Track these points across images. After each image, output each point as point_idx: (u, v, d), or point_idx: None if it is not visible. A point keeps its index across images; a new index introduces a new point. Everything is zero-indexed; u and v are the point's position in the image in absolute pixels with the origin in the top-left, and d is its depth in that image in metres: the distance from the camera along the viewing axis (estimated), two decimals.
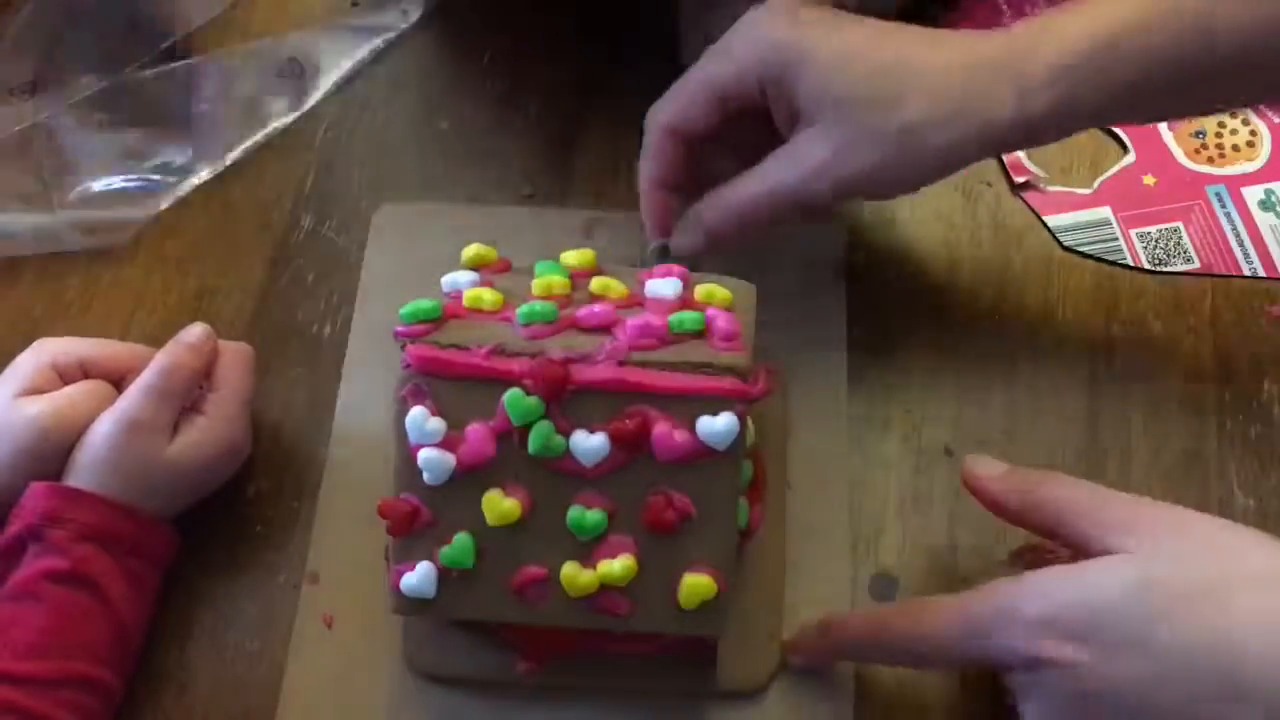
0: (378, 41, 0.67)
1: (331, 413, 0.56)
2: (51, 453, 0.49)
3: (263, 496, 0.55)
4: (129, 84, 0.66)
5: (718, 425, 0.43)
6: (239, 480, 0.55)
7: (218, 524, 0.54)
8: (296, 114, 0.65)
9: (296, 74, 0.66)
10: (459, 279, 0.48)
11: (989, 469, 0.47)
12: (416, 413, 0.44)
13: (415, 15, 0.68)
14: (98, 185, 0.62)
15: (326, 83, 0.66)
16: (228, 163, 0.64)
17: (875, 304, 0.58)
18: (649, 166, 0.53)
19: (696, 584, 0.44)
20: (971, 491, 0.47)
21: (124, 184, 0.63)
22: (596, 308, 0.45)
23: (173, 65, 0.67)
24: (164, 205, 0.62)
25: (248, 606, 0.52)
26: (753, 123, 0.51)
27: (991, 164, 0.62)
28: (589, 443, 0.43)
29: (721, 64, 0.51)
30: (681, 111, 0.52)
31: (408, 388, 0.44)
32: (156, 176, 0.63)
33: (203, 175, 0.63)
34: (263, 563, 0.53)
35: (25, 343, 0.58)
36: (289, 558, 0.53)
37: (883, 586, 0.52)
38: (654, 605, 0.44)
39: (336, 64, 0.67)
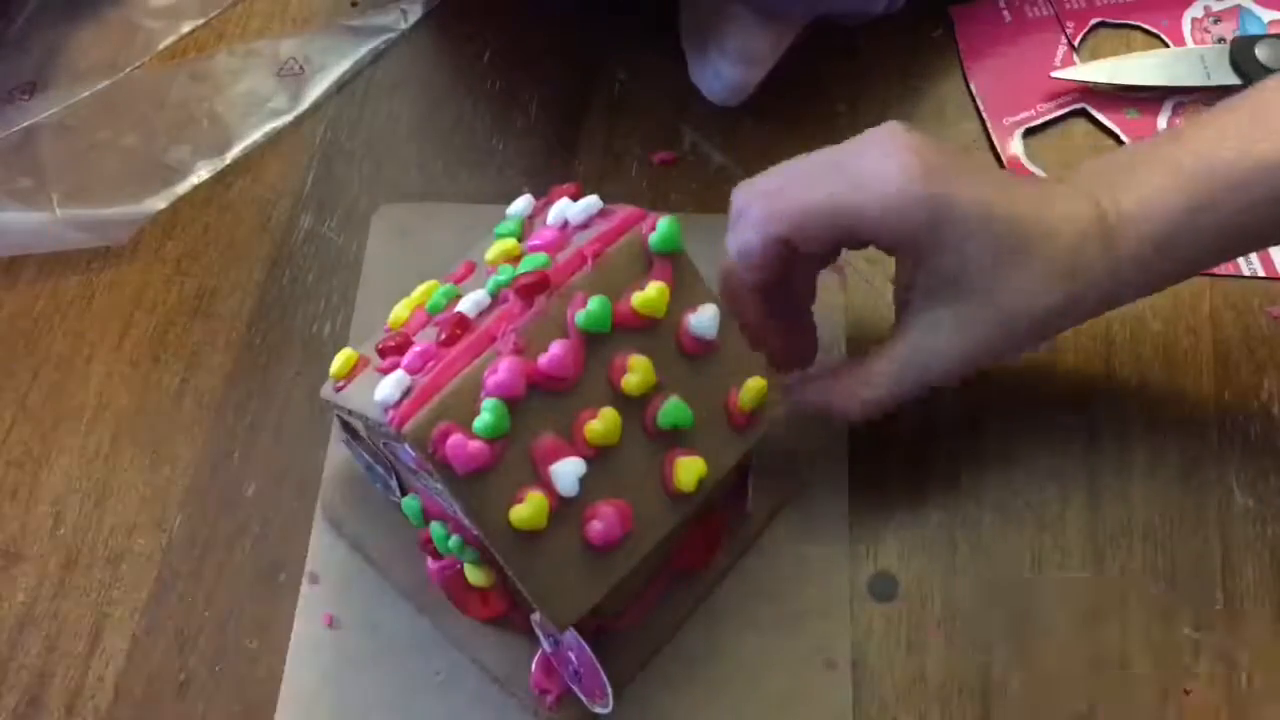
0: (377, 42, 0.67)
1: (331, 412, 0.56)
2: None
3: (263, 496, 0.55)
4: (129, 84, 0.66)
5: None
6: (239, 480, 0.55)
7: (218, 524, 0.54)
8: (295, 113, 0.65)
9: (296, 74, 0.66)
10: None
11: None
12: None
13: (415, 16, 0.68)
14: (97, 185, 0.62)
15: (326, 82, 0.66)
16: (227, 162, 0.64)
17: (875, 304, 0.58)
18: (750, 275, 0.48)
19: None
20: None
21: (124, 183, 0.63)
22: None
23: (172, 65, 0.67)
24: (164, 205, 0.62)
25: (248, 606, 0.52)
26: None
27: (991, 164, 0.62)
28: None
29: (856, 194, 0.45)
30: (801, 227, 0.46)
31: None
32: (157, 176, 0.63)
33: (202, 175, 0.63)
34: (263, 563, 0.53)
35: (25, 342, 0.59)
36: (289, 558, 0.53)
37: (883, 586, 0.52)
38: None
39: (336, 64, 0.67)
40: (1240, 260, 0.59)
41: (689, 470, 0.43)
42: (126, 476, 0.55)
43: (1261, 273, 0.59)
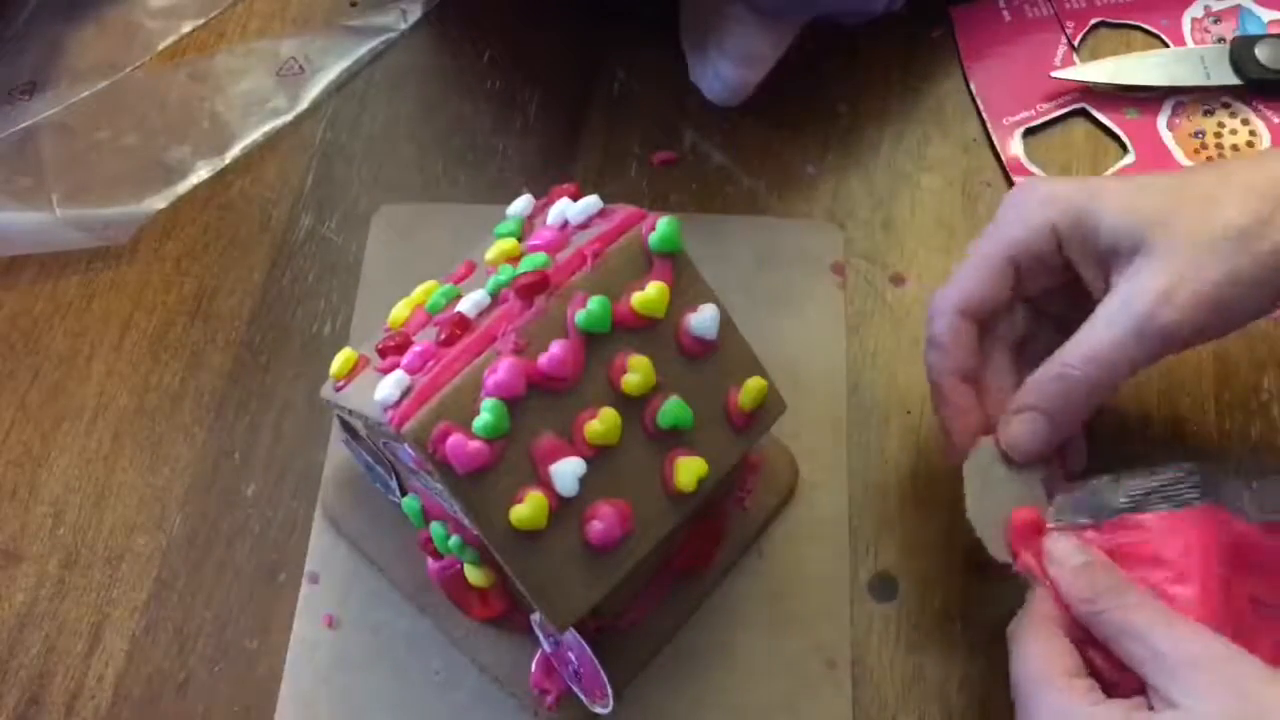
0: (377, 42, 0.67)
1: (331, 412, 0.56)
2: None
3: (263, 496, 0.55)
4: (129, 84, 0.66)
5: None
6: (239, 480, 0.55)
7: (218, 524, 0.54)
8: (295, 113, 0.65)
9: (296, 74, 0.66)
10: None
11: (1068, 556, 0.44)
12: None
13: (415, 16, 0.68)
14: (98, 185, 0.62)
15: (325, 82, 0.66)
16: (227, 161, 0.64)
17: (875, 304, 0.58)
18: (944, 358, 0.47)
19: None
20: (1041, 574, 0.45)
21: (124, 183, 0.63)
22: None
23: (172, 65, 0.67)
24: (164, 205, 0.62)
25: (248, 606, 0.52)
26: (1051, 293, 0.48)
27: (991, 164, 0.62)
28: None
29: (1008, 229, 0.47)
30: (972, 289, 0.47)
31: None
32: (157, 176, 0.63)
33: (202, 175, 0.63)
34: (263, 563, 0.53)
35: (25, 342, 0.59)
36: (289, 558, 0.53)
37: (883, 586, 0.52)
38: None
39: (336, 64, 0.67)
40: None
41: (689, 470, 0.43)
42: (126, 476, 0.55)
43: None
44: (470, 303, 0.44)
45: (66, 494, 0.55)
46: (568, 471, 0.41)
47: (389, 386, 0.42)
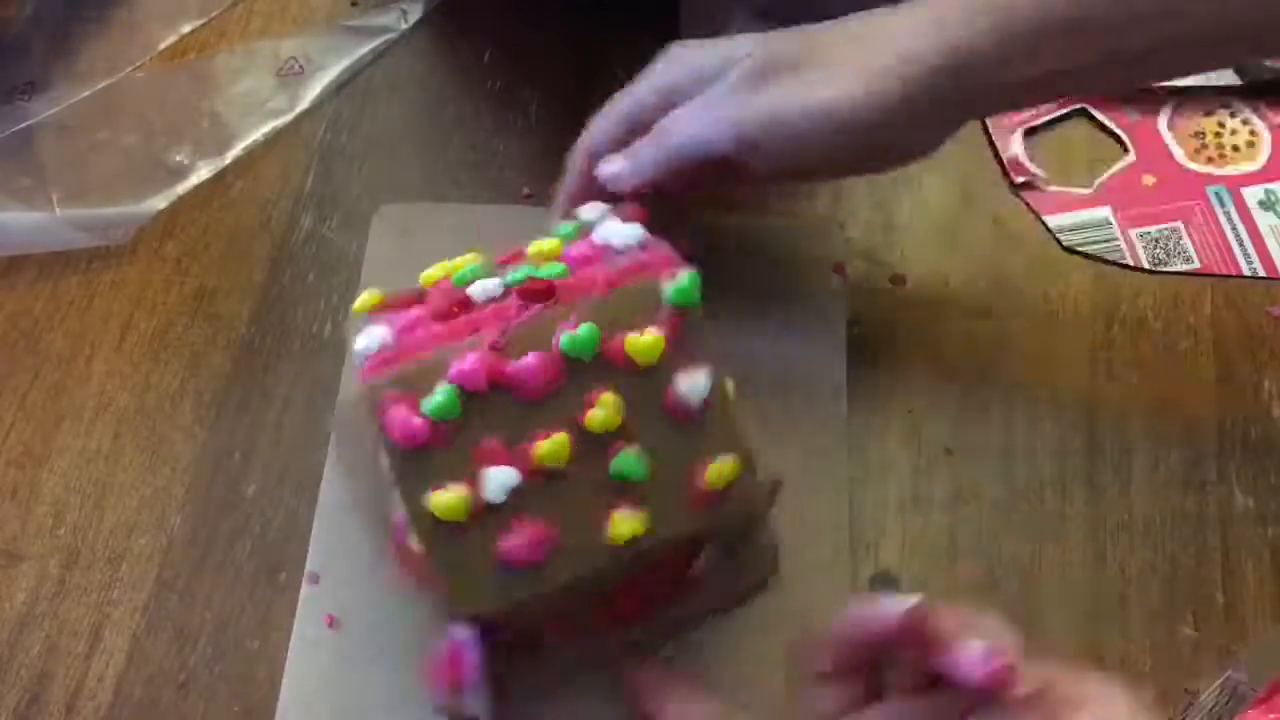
0: (377, 42, 0.67)
1: (331, 412, 0.56)
2: None
3: (263, 496, 0.55)
4: (129, 84, 0.66)
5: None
6: (239, 480, 0.55)
7: (218, 524, 0.54)
8: (295, 113, 0.65)
9: (296, 74, 0.66)
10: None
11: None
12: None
13: (415, 17, 0.68)
14: (98, 185, 0.62)
15: (325, 81, 0.66)
16: (227, 162, 0.64)
17: (875, 304, 0.58)
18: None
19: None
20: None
21: (124, 183, 0.63)
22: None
23: (172, 65, 0.67)
24: (164, 205, 0.62)
25: (248, 606, 0.52)
26: None
27: (991, 164, 0.62)
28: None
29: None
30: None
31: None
32: (157, 176, 0.63)
33: (202, 175, 0.63)
34: (263, 563, 0.53)
35: (25, 342, 0.59)
36: (289, 558, 0.53)
37: (883, 586, 0.52)
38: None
39: (336, 64, 0.67)
40: (1240, 260, 0.59)
41: (626, 524, 0.42)
42: (126, 476, 0.55)
43: (1262, 272, 0.59)
44: (480, 288, 0.44)
45: (67, 494, 0.55)
46: (497, 479, 0.41)
47: (370, 338, 0.43)
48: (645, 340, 0.42)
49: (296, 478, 0.55)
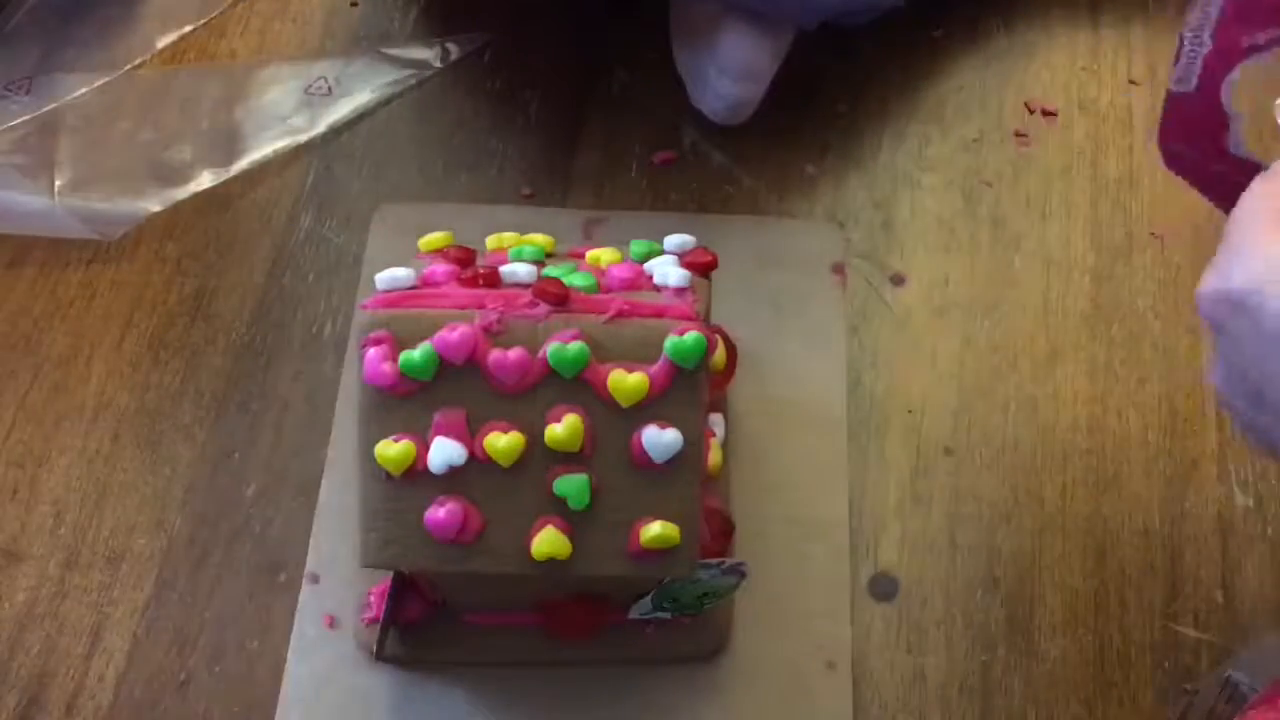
0: (408, 74, 0.66)
1: (331, 413, 0.56)
2: None
3: (263, 496, 0.55)
4: (129, 83, 0.66)
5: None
6: (239, 480, 0.55)
7: (218, 524, 0.54)
8: (311, 135, 0.64)
9: (324, 94, 0.66)
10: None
11: None
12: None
13: (454, 56, 0.67)
14: (99, 183, 0.62)
15: (349, 107, 0.65)
16: (232, 173, 0.63)
17: (875, 304, 0.58)
18: None
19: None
20: None
21: (125, 182, 0.63)
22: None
23: (176, 68, 0.67)
24: (164, 205, 0.62)
25: (248, 606, 0.52)
26: None
27: (991, 164, 0.62)
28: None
29: None
30: None
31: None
32: (158, 176, 0.63)
33: (204, 183, 0.62)
34: (263, 563, 0.53)
35: (25, 342, 0.59)
36: (289, 558, 0.53)
37: (883, 586, 0.52)
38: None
39: (364, 90, 0.66)
40: None
41: (550, 543, 0.42)
42: (126, 476, 0.55)
43: None
44: (511, 270, 0.45)
45: (67, 494, 0.55)
46: (443, 453, 0.42)
47: (394, 278, 0.44)
48: (630, 380, 0.42)
49: (296, 478, 0.55)
